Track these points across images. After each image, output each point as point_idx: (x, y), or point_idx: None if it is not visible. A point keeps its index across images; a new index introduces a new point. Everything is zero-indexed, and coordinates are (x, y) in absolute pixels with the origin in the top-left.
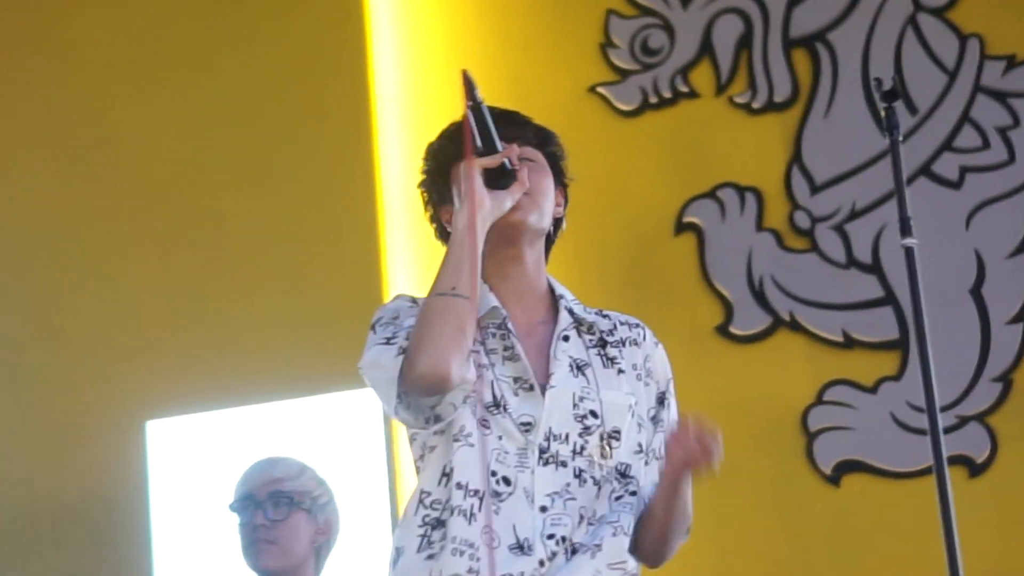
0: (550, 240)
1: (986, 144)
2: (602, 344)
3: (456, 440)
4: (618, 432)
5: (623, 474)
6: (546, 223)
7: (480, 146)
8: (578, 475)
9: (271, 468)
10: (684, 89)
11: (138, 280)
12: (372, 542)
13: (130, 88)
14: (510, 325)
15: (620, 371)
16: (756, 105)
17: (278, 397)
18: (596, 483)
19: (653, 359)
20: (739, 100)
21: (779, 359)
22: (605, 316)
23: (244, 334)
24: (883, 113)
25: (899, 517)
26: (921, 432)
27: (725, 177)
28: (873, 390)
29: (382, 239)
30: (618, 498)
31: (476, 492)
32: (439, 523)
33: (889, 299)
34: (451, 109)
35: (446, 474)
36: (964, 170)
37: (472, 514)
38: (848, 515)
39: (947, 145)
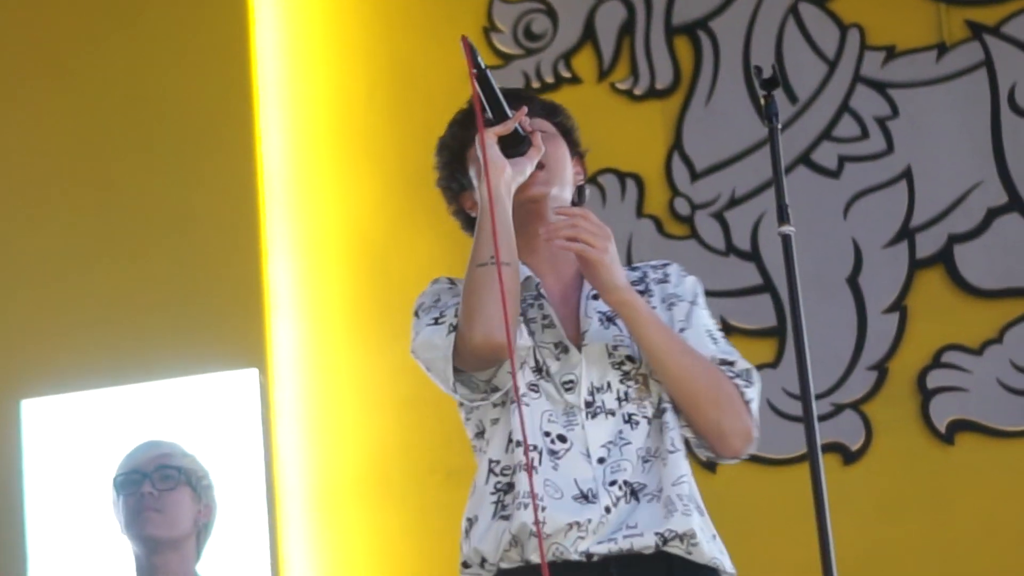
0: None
1: (865, 134)
2: None
3: (513, 403)
4: None
5: (659, 399)
6: (567, 193)
7: (490, 115)
8: (628, 420)
9: (157, 446)
10: (566, 74)
11: (13, 257)
12: (248, 523)
13: (14, 72)
14: (543, 292)
15: (651, 309)
16: (638, 92)
17: (155, 377)
18: (649, 421)
19: (681, 285)
20: (621, 86)
21: None
22: (634, 268)
23: (122, 314)
24: (762, 101)
25: (774, 503)
26: (796, 419)
27: (606, 163)
28: None
29: (262, 221)
30: (660, 423)
31: (534, 447)
32: (510, 487)
33: (767, 287)
34: (332, 91)
35: (511, 440)
36: (843, 159)
37: (535, 468)
38: (724, 501)
39: (826, 134)
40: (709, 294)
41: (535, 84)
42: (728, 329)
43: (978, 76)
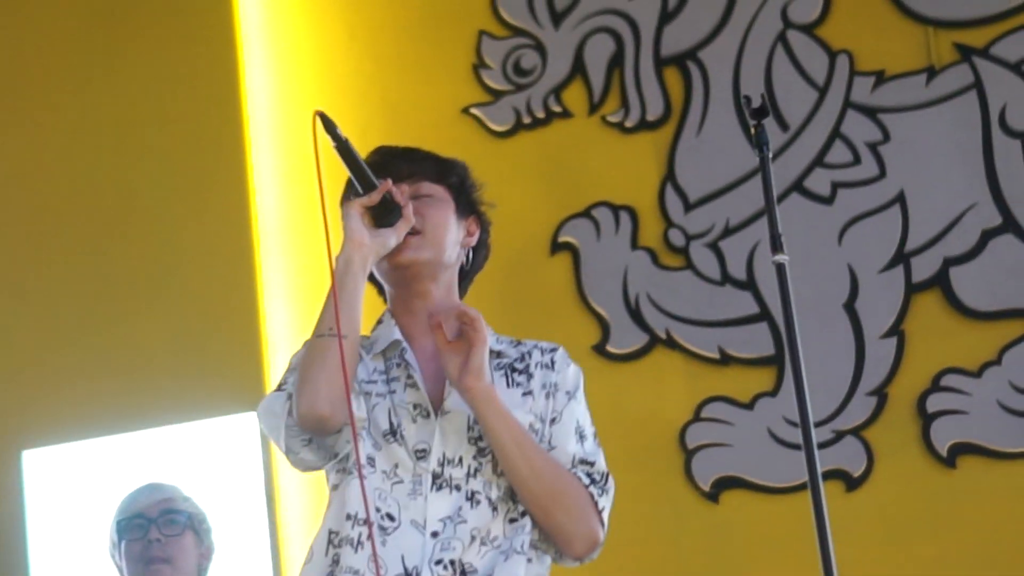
0: (465, 270)
1: (857, 159)
2: (510, 368)
3: (349, 473)
4: None
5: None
6: (447, 256)
7: (358, 186)
8: (470, 497)
9: (159, 490)
10: (557, 109)
11: (13, 307)
12: (252, 568)
13: (3, 109)
14: (408, 357)
15: (525, 393)
16: (629, 124)
17: (156, 424)
18: (492, 504)
19: (564, 374)
20: (612, 119)
21: (656, 377)
22: (519, 344)
23: (121, 361)
24: (753, 130)
25: (777, 532)
26: (797, 447)
27: (599, 196)
28: (750, 406)
29: (257, 264)
30: (512, 520)
31: (364, 521)
32: (336, 560)
33: (764, 315)
34: (324, 133)
35: (346, 512)
36: (836, 185)
37: (360, 542)
38: (726, 531)
39: (818, 161)
40: (706, 324)
41: (526, 120)
42: (726, 359)
43: (968, 98)
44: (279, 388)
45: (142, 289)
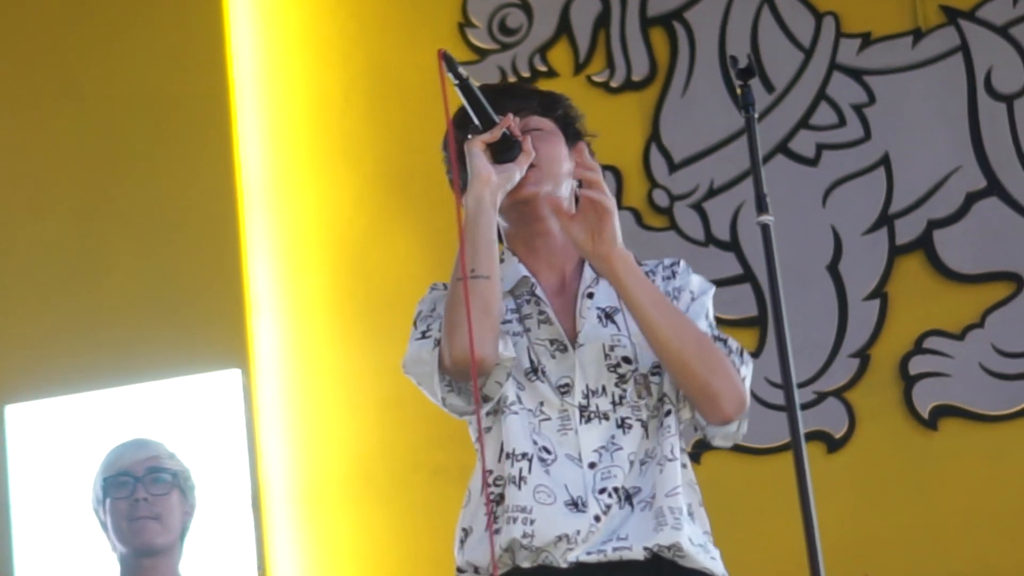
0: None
1: (842, 121)
2: None
3: (502, 412)
4: (658, 367)
5: (662, 401)
6: (564, 190)
7: (477, 123)
8: (621, 424)
9: (144, 447)
10: (542, 68)
11: None
12: (233, 524)
13: None
14: (539, 292)
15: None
16: (614, 84)
17: (138, 379)
18: (643, 424)
19: (687, 279)
20: (597, 79)
21: None
22: (642, 264)
23: (104, 317)
24: (739, 91)
25: (759, 493)
26: (779, 408)
27: None
28: None
29: (241, 222)
30: (659, 426)
31: (524, 455)
32: (502, 498)
33: (747, 276)
34: (309, 92)
35: (503, 450)
36: (820, 147)
37: (522, 478)
38: (707, 491)
39: (803, 123)
40: None
41: (511, 79)
42: None
43: (954, 61)
44: (423, 336)
45: (126, 244)
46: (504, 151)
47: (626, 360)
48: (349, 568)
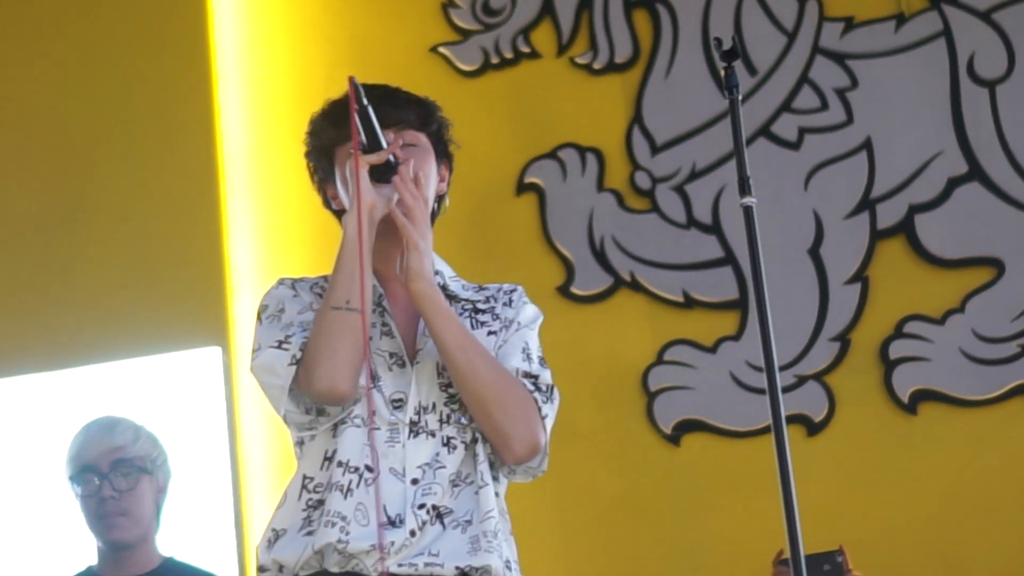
0: (433, 216)
1: (824, 105)
2: (474, 310)
3: (343, 423)
4: None
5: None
6: (430, 207)
7: (365, 143)
8: (446, 443)
9: (109, 435)
10: (525, 49)
11: None
12: (213, 501)
13: None
14: (386, 304)
15: (490, 332)
16: (597, 66)
17: (118, 356)
18: (466, 446)
19: (520, 309)
20: (580, 60)
21: (620, 319)
22: (482, 288)
23: (83, 293)
24: (722, 73)
25: (738, 475)
26: (760, 391)
27: (566, 137)
28: (713, 350)
29: (222, 199)
30: (475, 452)
31: (356, 469)
32: (320, 503)
33: (729, 259)
34: (292, 71)
35: (328, 457)
36: (803, 131)
37: (349, 489)
38: (688, 474)
39: (786, 106)
40: (671, 267)
41: (494, 60)
42: (691, 302)
43: (937, 46)
44: (280, 346)
45: (106, 222)
46: (383, 171)
47: None
48: None
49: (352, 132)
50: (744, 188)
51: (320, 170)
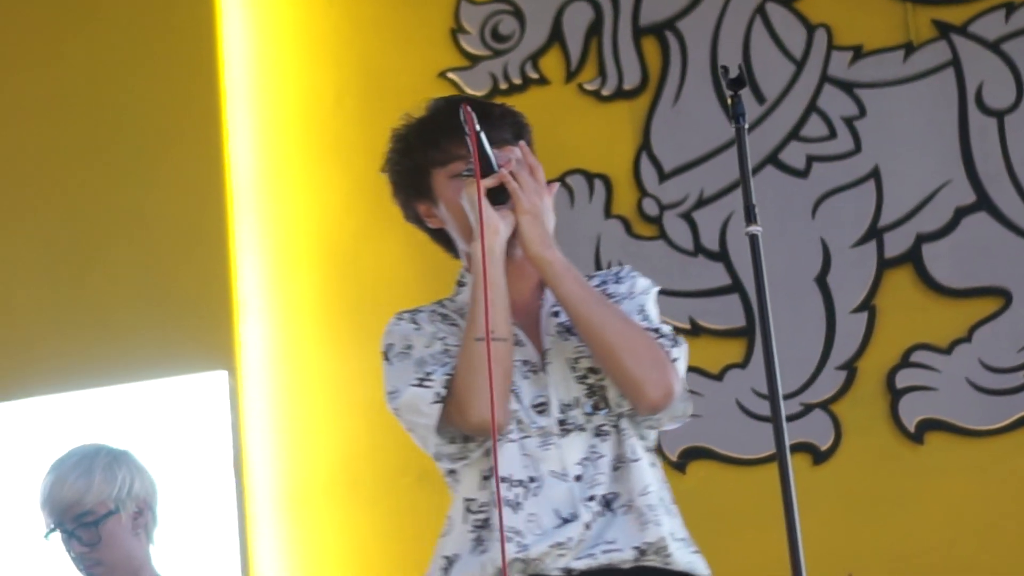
0: None
1: (832, 134)
2: None
3: (498, 440)
4: None
5: (619, 405)
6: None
7: (477, 168)
8: (598, 433)
9: (60, 491)
10: (534, 75)
11: None
12: (218, 525)
13: None
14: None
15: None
16: (605, 92)
17: (124, 380)
18: (619, 430)
19: (632, 282)
20: (589, 87)
21: None
22: (593, 277)
23: (90, 317)
24: (729, 101)
25: (744, 503)
26: (765, 419)
27: (574, 164)
28: (719, 377)
29: (229, 222)
30: (621, 430)
31: (520, 482)
32: (486, 522)
33: (736, 287)
34: (301, 92)
35: (485, 476)
36: (811, 159)
37: (518, 503)
38: (693, 501)
39: (794, 134)
40: (678, 294)
41: (502, 85)
42: (697, 329)
43: (945, 75)
44: (421, 384)
45: (114, 244)
46: (499, 193)
47: (592, 371)
48: (334, 570)
49: (474, 162)
50: (750, 216)
51: (411, 187)
